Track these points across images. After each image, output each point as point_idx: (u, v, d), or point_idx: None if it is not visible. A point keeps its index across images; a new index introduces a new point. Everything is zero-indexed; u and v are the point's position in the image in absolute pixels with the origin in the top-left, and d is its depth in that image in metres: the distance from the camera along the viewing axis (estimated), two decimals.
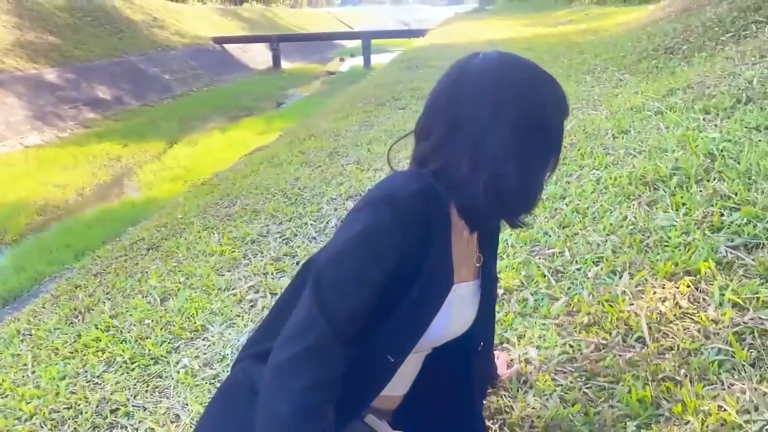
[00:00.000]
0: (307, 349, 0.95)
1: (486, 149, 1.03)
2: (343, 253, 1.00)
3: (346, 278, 0.99)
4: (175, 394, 1.91)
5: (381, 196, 1.02)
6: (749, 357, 1.58)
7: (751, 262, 2.04)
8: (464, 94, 1.06)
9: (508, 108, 1.04)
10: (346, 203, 3.45)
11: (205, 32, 30.10)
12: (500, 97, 1.04)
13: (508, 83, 1.06)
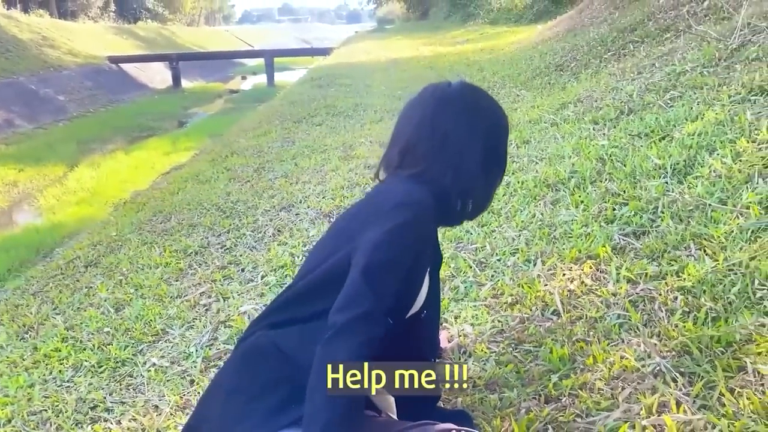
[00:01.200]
0: (362, 314, 1.20)
1: (465, 165, 1.40)
2: (383, 244, 1.28)
3: (388, 265, 1.27)
4: (150, 389, 2.08)
5: (402, 202, 1.34)
6: (642, 319, 1.96)
7: (639, 246, 2.46)
8: (446, 119, 1.42)
9: (480, 132, 1.42)
10: (280, 214, 3.68)
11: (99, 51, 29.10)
12: (474, 123, 1.43)
13: (479, 111, 1.45)
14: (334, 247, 1.38)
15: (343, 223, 1.48)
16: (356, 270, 1.26)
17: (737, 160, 2.90)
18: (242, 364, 1.37)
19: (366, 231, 1.31)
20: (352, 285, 1.24)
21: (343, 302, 1.23)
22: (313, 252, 1.51)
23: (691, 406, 1.53)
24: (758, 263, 2.03)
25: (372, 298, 1.22)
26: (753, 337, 1.71)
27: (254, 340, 1.39)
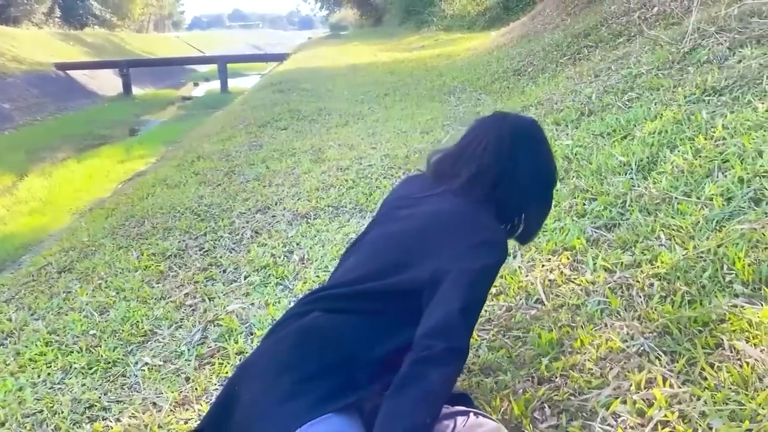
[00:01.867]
0: (459, 349, 1.36)
1: (530, 196, 1.68)
2: (478, 283, 1.44)
3: (479, 303, 1.47)
4: (146, 388, 2.09)
5: (492, 241, 1.52)
6: (622, 304, 2.08)
7: (612, 237, 2.59)
8: (523, 152, 1.64)
9: (545, 168, 1.71)
10: (256, 216, 3.70)
11: (45, 58, 28.28)
12: (543, 159, 1.70)
13: (547, 149, 1.72)
14: (405, 260, 1.49)
15: (411, 239, 1.55)
16: (455, 303, 1.36)
17: (697, 156, 3.07)
18: (300, 340, 1.42)
19: (454, 258, 1.44)
20: (451, 316, 1.35)
21: (441, 329, 1.33)
22: (368, 254, 1.61)
23: (676, 381, 1.64)
24: (725, 250, 2.16)
25: (466, 335, 1.39)
26: (727, 316, 1.83)
27: (312, 320, 1.45)
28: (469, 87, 7.67)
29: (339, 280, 1.59)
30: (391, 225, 1.65)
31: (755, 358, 1.64)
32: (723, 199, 2.57)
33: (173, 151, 7.80)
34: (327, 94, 8.57)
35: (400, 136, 5.35)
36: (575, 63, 6.76)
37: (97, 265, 3.30)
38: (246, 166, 4.90)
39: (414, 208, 1.65)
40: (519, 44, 10.32)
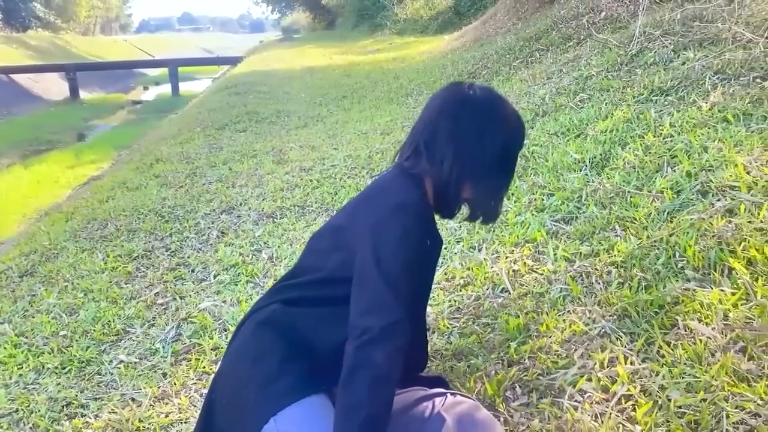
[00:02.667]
0: (395, 322, 1.32)
1: (469, 163, 1.49)
2: (396, 253, 1.38)
3: (403, 270, 1.37)
4: (123, 384, 2.11)
5: (400, 204, 1.44)
6: (582, 291, 2.19)
7: (570, 230, 2.71)
8: (462, 120, 1.49)
9: (491, 137, 1.50)
10: (221, 216, 3.72)
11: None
12: (487, 128, 1.50)
13: (494, 118, 1.52)
14: (343, 240, 1.47)
15: (348, 217, 1.55)
16: (380, 280, 1.35)
17: (647, 152, 3.24)
18: (262, 335, 1.47)
19: (373, 234, 1.40)
20: (376, 291, 1.34)
21: (371, 307, 1.34)
22: (321, 238, 1.61)
23: (636, 359, 1.76)
24: (677, 239, 2.31)
25: (398, 307, 1.34)
26: (681, 299, 1.96)
27: (271, 314, 1.49)
28: (425, 89, 7.78)
29: (295, 269, 1.63)
30: (339, 212, 1.72)
31: (707, 336, 1.77)
32: (673, 192, 2.73)
33: (129, 155, 7.69)
34: (284, 97, 8.58)
35: (361, 137, 5.42)
36: (528, 66, 6.94)
37: (61, 267, 3.27)
38: (207, 167, 4.89)
39: (351, 202, 1.69)
40: (472, 48, 10.51)
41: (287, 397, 1.36)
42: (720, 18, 4.96)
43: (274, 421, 1.34)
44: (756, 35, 4.28)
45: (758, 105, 3.37)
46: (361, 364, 1.30)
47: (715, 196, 2.58)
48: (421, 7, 21.88)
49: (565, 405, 1.64)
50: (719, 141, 3.02)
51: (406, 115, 6.24)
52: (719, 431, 1.45)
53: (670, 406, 1.55)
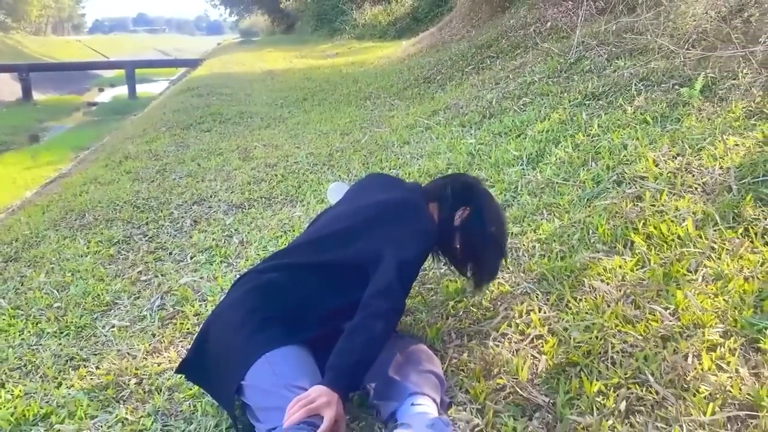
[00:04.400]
0: (398, 309, 1.85)
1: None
2: (410, 261, 1.89)
3: (412, 263, 1.90)
4: (118, 343, 2.43)
5: (425, 230, 1.97)
6: (511, 262, 2.60)
7: (506, 215, 3.13)
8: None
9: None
10: (193, 207, 4.04)
11: None
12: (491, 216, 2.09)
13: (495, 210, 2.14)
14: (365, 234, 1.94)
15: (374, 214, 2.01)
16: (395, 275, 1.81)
17: (576, 149, 3.70)
18: (264, 291, 1.87)
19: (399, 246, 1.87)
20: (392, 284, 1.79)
21: (385, 293, 1.78)
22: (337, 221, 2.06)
23: (549, 309, 2.17)
24: (591, 219, 2.74)
25: (402, 299, 1.88)
26: (588, 265, 2.39)
27: (273, 278, 1.90)
28: (383, 93, 8.16)
29: (300, 244, 2.06)
30: (352, 203, 2.13)
31: (605, 292, 2.20)
32: (593, 182, 3.18)
33: (93, 154, 7.88)
34: (246, 99, 8.86)
35: (322, 137, 5.78)
36: (479, 72, 7.40)
37: (44, 253, 3.54)
38: (176, 164, 5.19)
39: (373, 192, 2.17)
40: (428, 54, 10.96)
41: (274, 342, 1.73)
42: (648, 31, 5.49)
43: (266, 359, 1.70)
44: (677, 47, 4.80)
45: (674, 108, 3.87)
46: (364, 327, 1.72)
47: (627, 185, 3.03)
48: (379, 12, 22.31)
49: (490, 344, 2.04)
50: (637, 139, 3.49)
51: (365, 117, 6.63)
52: (606, 357, 1.87)
53: (570, 342, 1.96)
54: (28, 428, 1.93)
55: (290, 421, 1.50)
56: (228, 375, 1.74)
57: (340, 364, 1.66)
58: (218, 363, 1.80)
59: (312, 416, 1.53)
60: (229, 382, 1.73)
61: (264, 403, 1.64)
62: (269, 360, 1.69)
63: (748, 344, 1.83)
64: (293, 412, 1.52)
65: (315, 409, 1.53)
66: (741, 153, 2.99)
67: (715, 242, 2.36)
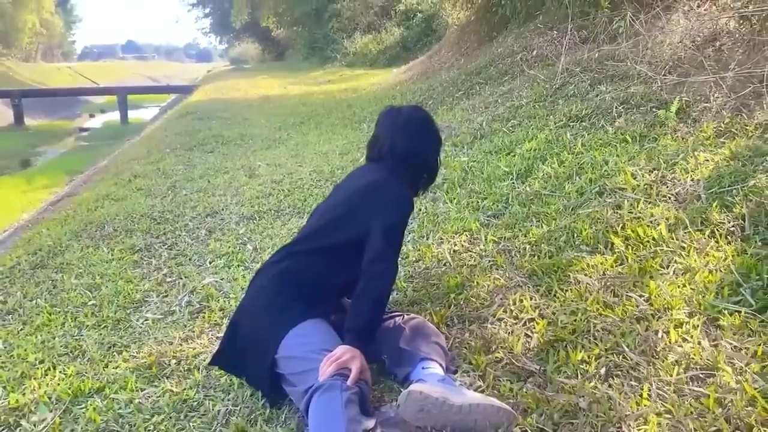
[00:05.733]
0: (392, 266, 2.14)
1: (415, 159, 2.45)
2: (395, 226, 2.22)
3: (399, 233, 2.26)
4: (154, 332, 2.70)
5: (401, 198, 2.30)
6: (505, 261, 2.92)
7: (498, 222, 3.45)
8: (403, 133, 2.45)
9: (420, 140, 2.44)
10: (207, 219, 4.33)
11: None
12: (427, 134, 2.45)
13: (420, 128, 2.48)
14: (354, 218, 2.24)
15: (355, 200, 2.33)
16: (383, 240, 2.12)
17: (562, 165, 4.03)
18: (282, 278, 2.18)
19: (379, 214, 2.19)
20: (382, 248, 2.11)
21: (377, 257, 2.09)
22: (334, 209, 2.37)
23: (539, 298, 2.48)
24: (576, 225, 3.06)
25: (394, 256, 2.18)
26: (574, 262, 2.70)
27: (288, 266, 2.22)
28: (377, 117, 8.49)
29: (304, 235, 2.39)
30: (337, 195, 2.48)
31: (588, 283, 2.51)
32: (577, 194, 3.51)
33: (97, 175, 8.14)
34: (245, 122, 9.19)
35: (322, 156, 6.11)
36: (469, 97, 7.78)
37: (71, 260, 3.80)
38: (186, 181, 5.48)
39: (352, 182, 2.53)
40: (419, 80, 11.37)
41: (298, 318, 2.03)
42: (628, 58, 5.90)
43: (294, 333, 1.99)
44: (655, 73, 5.19)
45: (652, 129, 4.22)
46: (368, 290, 2.04)
47: (608, 195, 3.35)
48: (369, 41, 22.88)
49: (488, 326, 2.34)
50: (617, 156, 3.84)
51: (361, 139, 6.96)
52: (589, 334, 2.17)
53: (558, 323, 2.26)
54: (85, 399, 2.19)
55: (325, 375, 1.80)
56: (260, 353, 2.03)
57: (356, 326, 1.98)
58: (249, 348, 2.09)
59: (342, 369, 1.83)
60: (262, 359, 2.01)
61: (300, 368, 1.92)
62: (297, 332, 2.00)
63: (710, 322, 2.14)
64: (326, 368, 1.81)
65: (343, 363, 1.84)
66: (710, 167, 3.32)
67: (685, 242, 2.68)
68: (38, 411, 2.14)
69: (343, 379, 1.79)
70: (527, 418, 1.78)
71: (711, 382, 1.85)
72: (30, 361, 2.54)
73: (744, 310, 2.14)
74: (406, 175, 2.42)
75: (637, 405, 1.80)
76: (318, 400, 1.76)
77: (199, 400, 2.13)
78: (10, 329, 2.96)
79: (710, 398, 1.75)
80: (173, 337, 2.62)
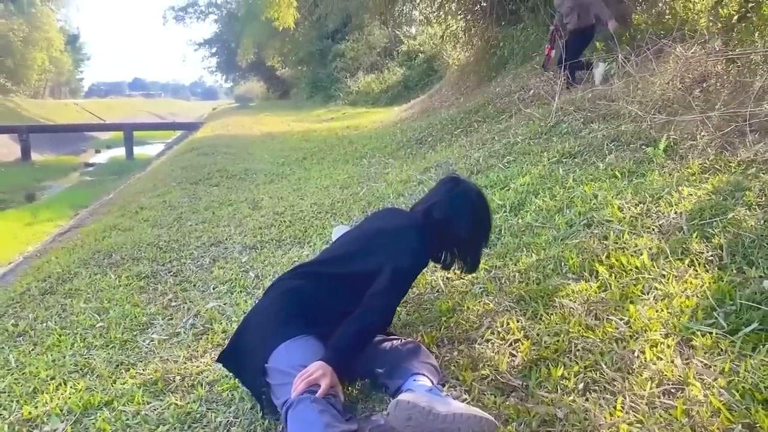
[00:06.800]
0: (390, 305, 2.34)
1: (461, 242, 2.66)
2: (403, 272, 2.37)
3: (406, 280, 2.43)
4: (160, 352, 2.83)
5: (418, 250, 2.48)
6: (495, 287, 3.06)
7: (491, 252, 3.59)
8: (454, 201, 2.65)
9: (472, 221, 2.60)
10: (211, 248, 4.49)
11: None
12: (470, 212, 2.62)
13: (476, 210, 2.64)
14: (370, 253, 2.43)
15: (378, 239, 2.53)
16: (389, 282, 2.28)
17: (553, 199, 4.19)
18: (290, 295, 2.35)
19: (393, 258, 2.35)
20: (386, 288, 2.27)
21: (380, 294, 2.25)
22: (350, 245, 2.58)
23: (525, 321, 2.62)
24: (564, 254, 3.21)
25: (395, 300, 2.39)
26: (559, 289, 2.85)
27: (299, 285, 2.40)
28: (378, 153, 8.73)
29: (322, 258, 2.58)
30: (363, 228, 2.71)
31: (572, 308, 2.65)
32: (567, 225, 3.67)
33: (103, 207, 8.33)
34: (249, 158, 9.43)
35: (323, 190, 6.29)
36: (467, 134, 8.00)
37: (79, 286, 3.94)
38: (191, 213, 5.66)
39: (380, 221, 2.75)
40: (419, 118, 11.66)
41: (293, 333, 2.18)
42: (620, 98, 6.13)
43: (285, 345, 2.14)
44: (645, 113, 5.41)
45: (641, 165, 4.40)
46: (361, 319, 2.21)
47: (596, 227, 3.51)
48: (372, 81, 23.37)
49: (476, 347, 2.48)
50: (606, 190, 4.01)
51: (362, 174, 7.16)
52: (570, 354, 2.31)
53: (541, 343, 2.40)
54: (95, 411, 2.32)
55: (297, 391, 1.94)
56: (256, 358, 2.18)
57: (337, 345, 2.13)
58: (249, 351, 2.24)
59: (312, 386, 1.97)
60: (256, 364, 2.16)
61: (279, 380, 2.07)
62: (287, 346, 2.15)
63: (684, 342, 2.28)
64: (298, 384, 1.97)
65: (314, 380, 1.98)
66: (693, 200, 3.49)
67: (666, 270, 2.83)
68: (50, 422, 2.27)
69: (312, 395, 1.93)
70: (508, 426, 1.91)
71: (681, 395, 1.98)
72: (41, 378, 2.68)
73: (716, 332, 2.28)
74: (431, 235, 2.57)
75: (611, 415, 1.92)
76: (292, 414, 1.91)
77: (202, 413, 2.26)
78: (22, 349, 3.10)
79: (678, 409, 1.88)
80: (178, 356, 2.75)
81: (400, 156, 8.29)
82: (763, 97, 4.63)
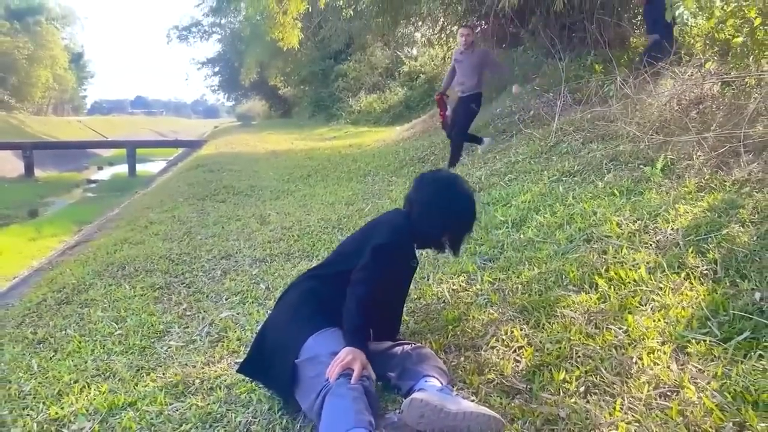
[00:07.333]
0: (372, 278, 2.36)
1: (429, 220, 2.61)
2: (381, 237, 2.50)
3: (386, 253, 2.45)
4: (178, 357, 2.95)
5: (395, 227, 2.57)
6: (498, 298, 3.19)
7: (494, 266, 3.73)
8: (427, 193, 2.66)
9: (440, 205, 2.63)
10: (221, 261, 4.62)
11: None
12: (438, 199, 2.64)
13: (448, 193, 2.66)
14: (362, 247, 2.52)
15: (365, 235, 2.66)
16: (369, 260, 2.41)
17: (553, 215, 4.33)
18: (304, 295, 2.49)
19: (374, 238, 2.51)
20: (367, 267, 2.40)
21: (360, 266, 2.41)
22: (347, 245, 2.72)
23: (528, 329, 2.75)
24: (564, 267, 3.35)
25: (376, 268, 2.41)
26: (560, 299, 2.98)
27: (310, 286, 2.54)
28: (381, 171, 8.89)
29: (325, 262, 2.73)
30: (359, 231, 2.81)
31: (573, 317, 2.78)
32: (567, 240, 3.80)
33: (111, 222, 8.46)
34: (255, 175, 9.58)
35: (329, 206, 6.44)
36: (469, 153, 8.16)
37: (95, 296, 4.07)
38: (200, 227, 5.79)
39: (372, 220, 2.87)
40: (421, 137, 11.84)
41: (319, 326, 2.32)
42: (618, 119, 6.29)
43: (313, 337, 2.28)
44: (642, 133, 5.57)
45: (638, 184, 4.54)
46: (352, 293, 2.36)
47: (595, 242, 3.65)
48: (374, 100, 23.63)
49: (482, 353, 2.60)
50: (605, 207, 4.14)
51: (366, 191, 7.31)
52: (572, 359, 2.44)
53: (544, 350, 2.53)
54: (120, 411, 2.45)
55: (333, 377, 2.08)
56: (285, 356, 2.31)
57: (349, 327, 2.29)
58: (275, 351, 2.37)
59: (347, 369, 2.12)
60: (286, 361, 2.29)
61: (314, 371, 2.20)
62: (315, 339, 2.30)
63: (679, 349, 2.41)
64: (332, 371, 2.11)
65: (347, 364, 2.13)
66: (689, 218, 3.62)
67: (663, 283, 2.96)
68: (77, 421, 2.39)
69: (347, 379, 2.07)
70: (514, 424, 2.04)
71: (676, 397, 2.10)
72: (65, 381, 2.80)
73: (709, 340, 2.41)
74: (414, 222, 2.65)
75: (610, 415, 2.05)
76: (329, 400, 2.05)
77: (222, 413, 2.38)
78: (43, 355, 3.22)
79: (673, 410, 2.01)
80: (196, 362, 2.88)
81: (403, 174, 8.45)
82: (756, 119, 4.78)
